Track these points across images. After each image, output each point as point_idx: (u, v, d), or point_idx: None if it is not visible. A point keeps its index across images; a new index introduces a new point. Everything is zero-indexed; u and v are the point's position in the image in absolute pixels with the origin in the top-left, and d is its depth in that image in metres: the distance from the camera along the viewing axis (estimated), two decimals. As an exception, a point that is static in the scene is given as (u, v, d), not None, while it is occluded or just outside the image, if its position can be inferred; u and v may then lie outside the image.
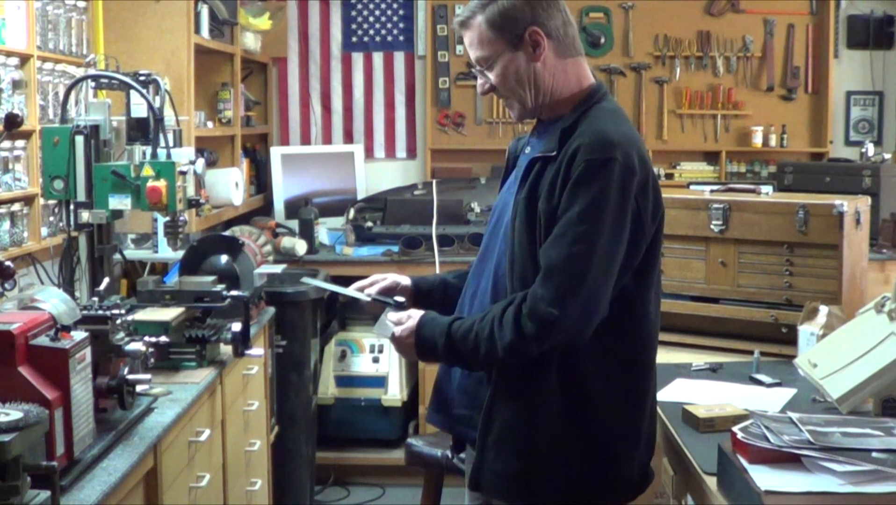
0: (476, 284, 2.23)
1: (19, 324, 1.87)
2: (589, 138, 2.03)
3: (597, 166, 2.00)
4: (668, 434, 2.29)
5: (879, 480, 1.71)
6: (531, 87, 2.14)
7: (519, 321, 2.00)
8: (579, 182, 2.00)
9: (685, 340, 3.03)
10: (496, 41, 2.12)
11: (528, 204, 2.08)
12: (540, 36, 2.12)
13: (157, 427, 2.31)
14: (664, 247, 3.08)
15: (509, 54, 2.13)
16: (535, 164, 2.10)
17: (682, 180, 5.50)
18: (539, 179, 2.08)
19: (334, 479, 4.75)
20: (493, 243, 2.21)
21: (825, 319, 2.61)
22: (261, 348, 3.23)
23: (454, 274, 2.43)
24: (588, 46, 5.58)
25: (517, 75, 2.13)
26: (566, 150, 2.04)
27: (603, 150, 2.01)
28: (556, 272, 1.99)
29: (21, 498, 1.63)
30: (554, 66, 2.15)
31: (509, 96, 2.18)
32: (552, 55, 2.14)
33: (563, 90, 2.16)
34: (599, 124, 2.08)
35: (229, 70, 4.80)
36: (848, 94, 5.66)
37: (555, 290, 1.98)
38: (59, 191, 2.81)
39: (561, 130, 2.09)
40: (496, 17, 2.11)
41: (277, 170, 5.37)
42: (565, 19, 2.18)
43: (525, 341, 2.00)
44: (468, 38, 2.16)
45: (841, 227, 2.81)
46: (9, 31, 3.09)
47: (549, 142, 2.12)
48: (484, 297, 2.19)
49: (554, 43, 2.14)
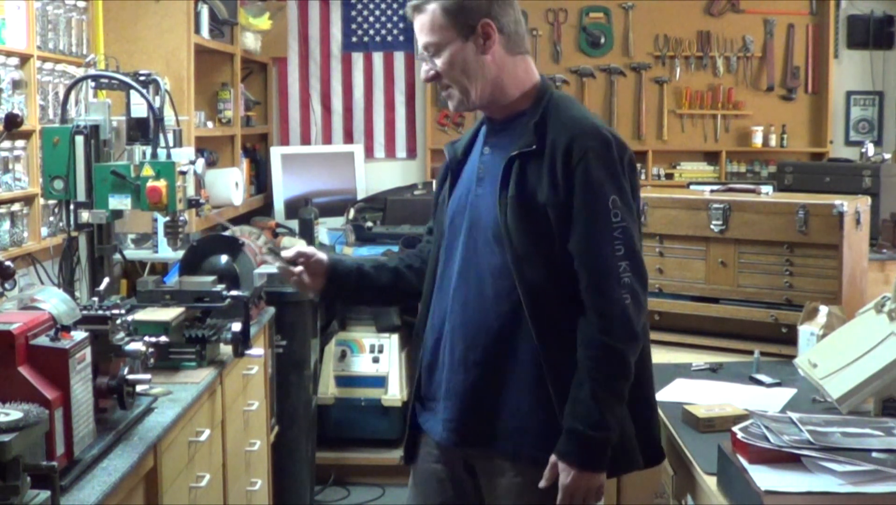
0: (465, 294, 2.18)
1: (19, 324, 1.87)
2: (578, 127, 2.10)
3: (600, 151, 2.07)
4: (668, 434, 2.29)
5: (879, 480, 1.71)
6: (476, 79, 2.16)
7: (609, 344, 2.06)
8: (590, 170, 2.06)
9: (685, 340, 3.03)
10: (448, 28, 2.14)
11: (522, 201, 2.09)
12: (492, 29, 2.14)
13: (157, 427, 2.31)
14: (664, 246, 3.10)
15: (459, 43, 2.14)
16: (514, 161, 2.12)
17: (682, 180, 5.50)
18: (524, 175, 2.10)
19: (334, 479, 4.74)
20: (471, 249, 2.18)
21: (825, 319, 2.61)
22: (261, 348, 3.23)
23: (371, 263, 2.40)
24: (588, 46, 5.59)
25: (464, 65, 2.15)
26: (553, 142, 2.09)
27: (597, 136, 2.09)
28: (610, 270, 2.06)
29: (21, 498, 1.63)
30: (502, 61, 2.17)
31: (452, 85, 2.18)
32: (502, 50, 2.17)
33: (513, 86, 2.19)
34: (573, 112, 2.16)
35: (229, 70, 4.80)
36: (848, 94, 5.66)
37: (618, 288, 2.05)
38: (59, 191, 2.81)
39: (535, 124, 2.12)
40: (452, 5, 2.13)
41: (277, 170, 5.37)
42: (517, 18, 2.20)
43: (630, 350, 2.08)
44: (419, 23, 2.17)
45: (841, 227, 2.81)
46: (9, 31, 3.09)
47: (520, 138, 2.14)
48: (484, 302, 2.16)
49: (504, 38, 2.16)
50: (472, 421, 2.18)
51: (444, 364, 2.23)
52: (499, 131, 2.22)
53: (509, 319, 2.13)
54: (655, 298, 3.10)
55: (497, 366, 2.14)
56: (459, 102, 2.20)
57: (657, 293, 3.10)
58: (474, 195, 2.20)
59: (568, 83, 5.59)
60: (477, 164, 2.22)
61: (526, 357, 2.12)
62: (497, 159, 2.16)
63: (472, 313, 2.16)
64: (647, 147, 5.59)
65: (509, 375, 2.14)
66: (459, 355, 2.18)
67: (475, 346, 2.16)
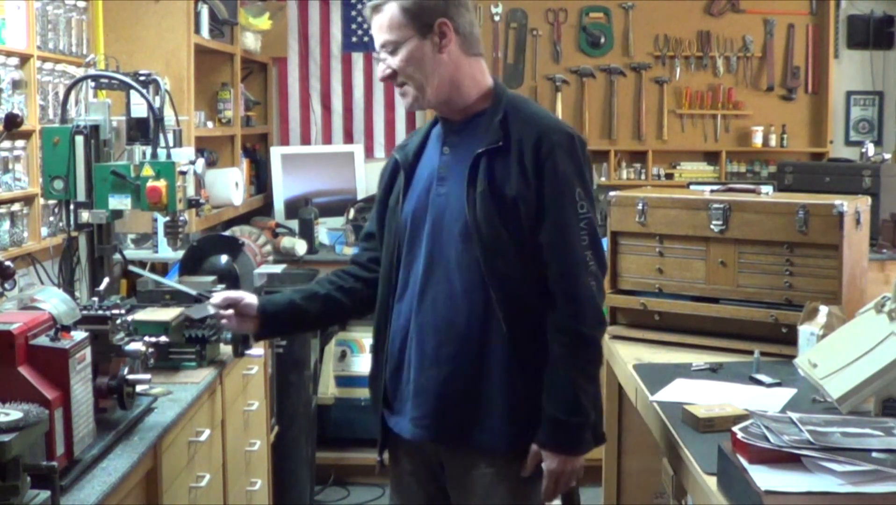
0: (433, 292, 2.23)
1: (19, 324, 1.87)
2: (544, 123, 2.22)
3: (566, 146, 2.19)
4: (668, 434, 2.28)
5: (879, 480, 1.70)
6: (433, 76, 2.22)
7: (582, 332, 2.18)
8: (557, 164, 2.17)
9: (685, 340, 3.02)
10: (406, 27, 2.20)
11: (492, 196, 2.17)
12: (448, 28, 2.21)
13: (157, 427, 2.31)
14: (664, 247, 3.10)
15: (416, 41, 2.21)
16: (481, 158, 2.19)
17: (682, 180, 5.50)
18: (492, 171, 2.18)
19: (334, 479, 4.75)
20: (436, 248, 2.24)
21: (825, 319, 2.61)
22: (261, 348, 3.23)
23: (302, 294, 2.44)
24: (588, 46, 5.59)
25: (420, 62, 2.21)
26: (520, 138, 2.19)
27: (562, 132, 2.22)
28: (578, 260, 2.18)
29: (21, 498, 1.63)
30: (458, 60, 2.24)
31: (408, 82, 2.24)
32: (458, 50, 2.24)
33: (470, 86, 2.26)
34: (534, 109, 2.29)
35: (229, 70, 4.80)
36: (848, 94, 5.66)
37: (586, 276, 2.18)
38: (59, 191, 2.81)
39: (499, 122, 2.20)
40: (410, 4, 2.20)
41: (277, 170, 5.37)
42: (472, 20, 2.28)
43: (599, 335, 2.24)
44: (377, 22, 2.23)
45: (841, 227, 2.81)
46: (9, 31, 3.09)
47: (482, 136, 2.21)
48: (453, 298, 2.21)
49: (461, 39, 2.24)
50: (444, 416, 2.24)
51: (410, 364, 2.27)
52: (459, 131, 2.28)
53: (480, 313, 2.19)
54: (655, 298, 3.10)
55: (469, 360, 2.21)
56: (414, 99, 2.26)
57: (657, 293, 3.10)
58: (436, 194, 2.26)
59: (568, 83, 5.59)
60: (437, 164, 2.28)
61: (497, 350, 2.19)
62: (460, 157, 2.23)
63: (441, 310, 2.22)
64: (647, 147, 5.59)
65: (481, 368, 2.21)
66: (431, 352, 2.23)
67: (447, 341, 2.21)
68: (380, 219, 2.41)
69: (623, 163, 5.62)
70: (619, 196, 3.18)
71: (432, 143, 2.34)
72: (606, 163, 5.57)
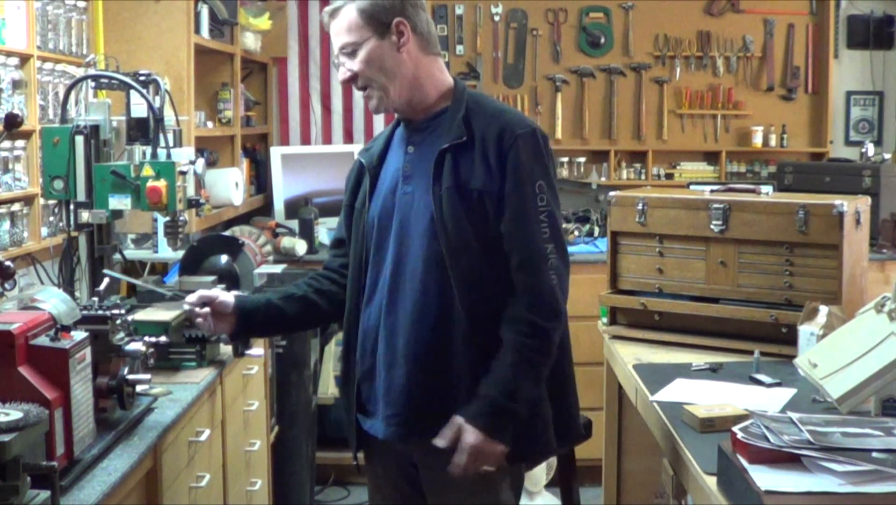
0: (399, 292, 2.24)
1: (19, 324, 1.87)
2: (505, 118, 2.24)
3: (528, 139, 2.21)
4: (668, 434, 2.29)
5: (879, 480, 1.70)
6: (395, 76, 2.24)
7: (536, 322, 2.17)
8: (519, 156, 2.19)
9: (685, 340, 3.02)
10: (363, 28, 2.22)
11: (457, 191, 2.19)
12: (405, 27, 2.23)
13: (157, 427, 2.31)
14: (664, 247, 3.10)
15: (375, 41, 2.23)
16: (445, 154, 2.21)
17: (682, 180, 5.50)
18: (456, 167, 2.20)
19: (334, 479, 4.75)
20: (403, 247, 2.24)
21: (825, 319, 2.61)
22: (261, 348, 3.23)
23: (279, 295, 2.43)
24: (588, 46, 5.59)
25: (381, 62, 2.23)
26: (483, 133, 2.21)
27: (523, 125, 2.24)
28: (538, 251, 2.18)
29: (21, 498, 1.63)
30: (418, 60, 2.26)
31: (371, 85, 2.26)
32: (417, 49, 2.26)
33: (430, 85, 2.28)
34: (496, 105, 2.32)
35: (229, 70, 4.80)
36: (848, 94, 5.66)
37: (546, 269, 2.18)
38: (59, 191, 2.81)
39: (462, 118, 2.23)
40: (367, 6, 2.22)
41: (277, 170, 5.37)
42: (428, 20, 2.31)
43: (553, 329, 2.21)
44: (336, 27, 2.25)
45: (841, 227, 2.81)
46: (9, 31, 3.09)
47: (445, 133, 2.23)
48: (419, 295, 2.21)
49: (418, 38, 2.26)
50: (414, 413, 2.24)
51: (380, 364, 2.28)
52: (422, 130, 2.30)
53: (445, 310, 2.20)
54: (655, 298, 3.10)
55: (435, 357, 2.21)
56: (379, 101, 2.28)
57: (657, 293, 3.10)
58: (402, 193, 2.28)
59: (568, 83, 5.59)
60: (402, 164, 2.30)
61: (462, 347, 2.20)
62: (425, 155, 2.25)
63: (409, 308, 2.22)
64: (647, 147, 5.59)
65: (449, 365, 2.21)
66: (400, 350, 2.23)
67: (415, 339, 2.22)
68: (348, 224, 2.41)
69: (623, 163, 5.62)
70: (619, 196, 3.19)
71: (396, 144, 2.36)
72: (606, 163, 5.57)
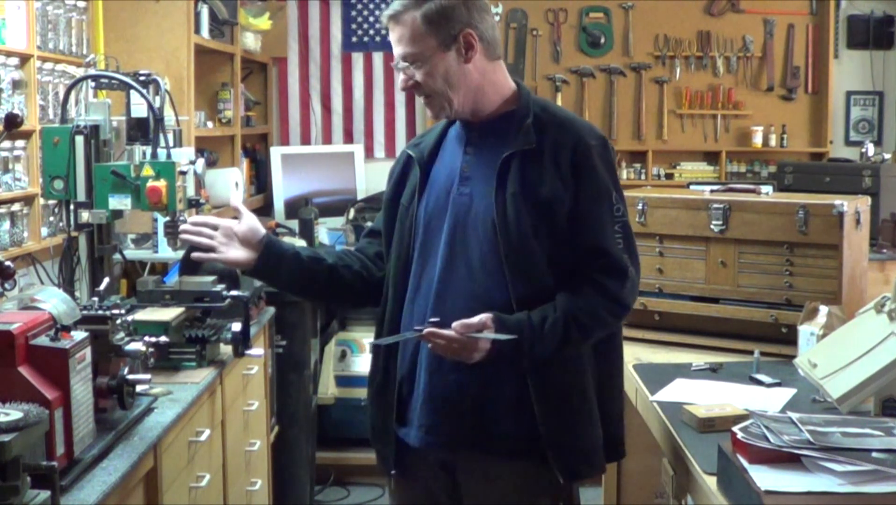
0: (451, 295, 2.15)
1: (19, 324, 1.87)
2: (577, 127, 2.20)
3: (600, 150, 2.18)
4: (668, 434, 2.29)
5: (879, 480, 1.71)
6: (459, 88, 2.16)
7: (621, 296, 2.16)
8: (595, 167, 2.15)
9: (685, 340, 3.02)
10: (428, 38, 2.13)
11: (524, 197, 2.11)
12: (473, 38, 2.15)
13: (157, 427, 2.31)
14: (664, 246, 3.10)
15: (441, 53, 2.14)
16: (511, 160, 2.14)
17: (682, 180, 5.50)
18: (523, 173, 2.13)
19: (334, 479, 4.75)
20: (456, 249, 2.16)
21: (825, 319, 2.61)
22: (261, 348, 3.23)
23: (308, 253, 2.31)
24: (588, 46, 5.59)
25: (447, 75, 2.15)
26: (554, 141, 2.15)
27: (596, 135, 2.20)
28: (619, 262, 2.16)
29: (21, 498, 1.63)
30: (484, 68, 2.18)
31: (434, 95, 2.18)
32: (482, 57, 2.18)
33: (493, 92, 2.21)
34: (563, 112, 2.27)
35: (229, 70, 4.80)
36: (848, 94, 5.66)
37: (626, 278, 2.16)
38: (59, 191, 2.81)
39: (533, 124, 2.16)
40: (433, 14, 2.12)
41: (277, 170, 5.37)
42: (493, 23, 2.22)
43: (626, 307, 2.20)
44: (398, 34, 2.15)
45: (841, 227, 2.81)
46: (9, 31, 3.09)
47: (510, 138, 2.16)
48: (473, 301, 2.12)
49: (485, 46, 2.17)
50: (458, 421, 2.16)
51: (421, 370, 2.19)
52: (482, 132, 2.22)
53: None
54: (655, 298, 3.10)
55: (485, 365, 2.10)
56: (441, 109, 2.21)
57: (657, 293, 3.10)
58: (458, 194, 2.19)
59: (568, 83, 5.59)
60: (460, 164, 2.21)
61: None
62: (487, 159, 2.17)
63: (461, 311, 2.10)
64: (647, 147, 5.59)
65: (498, 374, 2.14)
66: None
67: None
68: (389, 217, 2.29)
69: (623, 163, 5.62)
70: (619, 196, 3.18)
71: (451, 144, 2.27)
72: (606, 163, 5.56)
